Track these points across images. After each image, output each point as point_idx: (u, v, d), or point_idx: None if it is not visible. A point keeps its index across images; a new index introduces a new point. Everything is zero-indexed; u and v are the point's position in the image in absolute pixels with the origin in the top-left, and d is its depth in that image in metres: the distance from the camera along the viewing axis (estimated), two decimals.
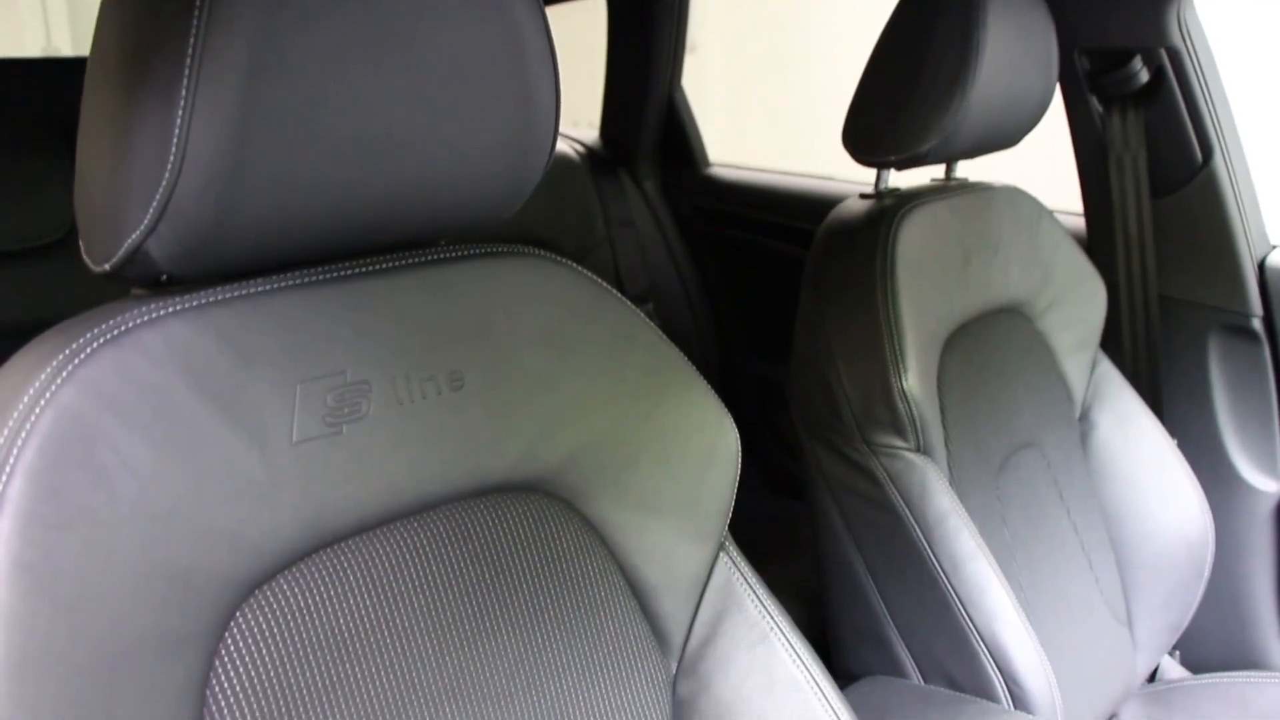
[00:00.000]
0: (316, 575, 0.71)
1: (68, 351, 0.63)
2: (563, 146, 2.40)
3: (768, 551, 1.09)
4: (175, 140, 0.61)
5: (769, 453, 2.34)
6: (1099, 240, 1.78)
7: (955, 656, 1.27)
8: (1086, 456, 1.56)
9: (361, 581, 0.73)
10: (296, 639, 0.69)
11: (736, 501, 0.92)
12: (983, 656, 1.24)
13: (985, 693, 1.25)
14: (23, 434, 0.60)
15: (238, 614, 0.67)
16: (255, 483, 0.67)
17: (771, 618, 0.90)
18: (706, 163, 2.46)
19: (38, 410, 0.61)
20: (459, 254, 0.81)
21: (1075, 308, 1.55)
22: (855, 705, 0.91)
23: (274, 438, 0.68)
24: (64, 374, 0.62)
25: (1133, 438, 1.57)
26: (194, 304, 0.68)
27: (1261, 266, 1.68)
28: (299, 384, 0.70)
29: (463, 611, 0.77)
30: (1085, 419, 1.57)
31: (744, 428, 0.93)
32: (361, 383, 0.72)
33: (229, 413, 0.66)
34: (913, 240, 1.31)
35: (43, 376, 0.62)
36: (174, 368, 0.65)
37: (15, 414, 0.61)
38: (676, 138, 2.43)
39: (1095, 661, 1.45)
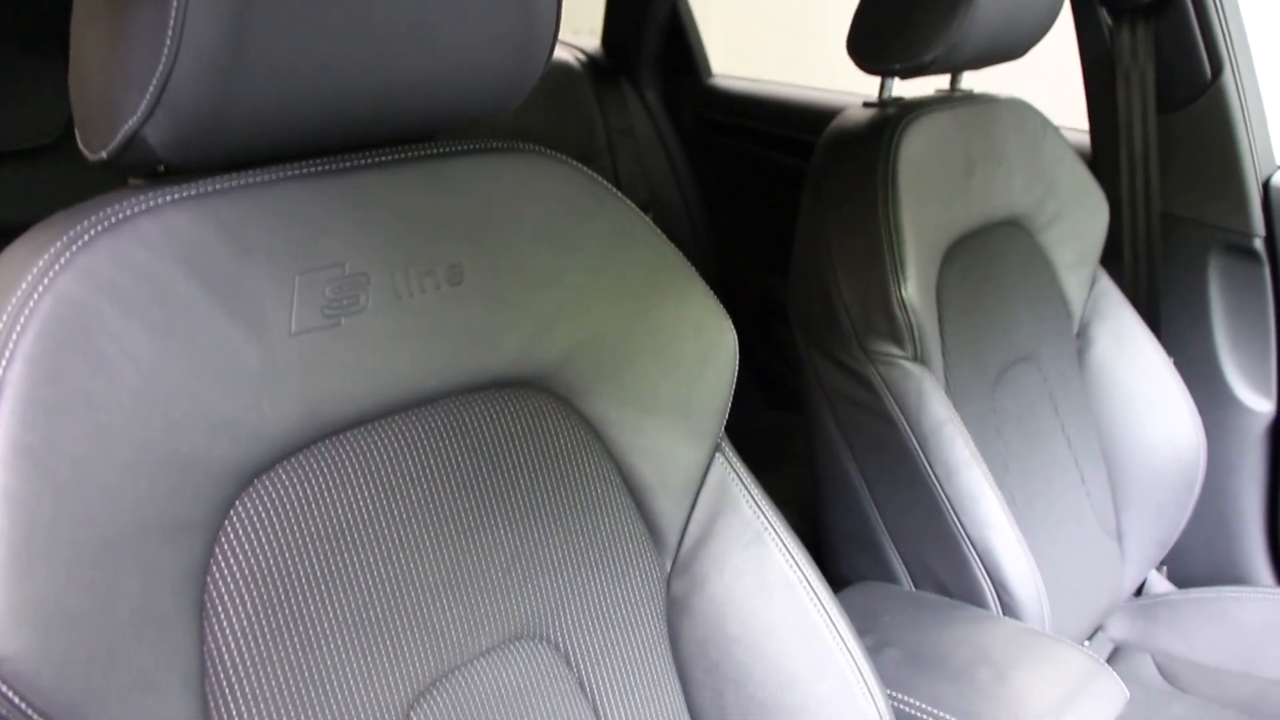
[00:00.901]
0: (315, 466, 0.71)
1: (65, 238, 0.63)
2: (564, 54, 2.37)
3: (764, 462, 1.10)
4: (171, 23, 0.60)
5: (767, 365, 2.35)
6: (1103, 156, 1.77)
7: (946, 563, 1.29)
8: (1083, 372, 1.56)
9: (360, 473, 0.73)
10: (295, 528, 0.70)
11: (734, 413, 0.92)
12: (973, 563, 1.26)
13: (975, 599, 1.27)
14: (21, 319, 0.60)
15: (237, 502, 0.68)
16: (254, 372, 0.67)
17: (765, 518, 0.90)
18: (709, 73, 2.43)
19: (36, 296, 0.60)
20: (459, 149, 0.80)
21: (1077, 223, 1.55)
22: (847, 609, 0.92)
23: (272, 328, 0.68)
24: (62, 260, 0.62)
25: (1129, 354, 1.57)
26: (192, 193, 0.68)
27: (1266, 186, 1.67)
28: (297, 275, 0.69)
29: (460, 505, 0.78)
30: (1083, 335, 1.57)
31: (742, 340, 0.92)
32: (360, 275, 0.72)
33: (227, 302, 0.66)
34: (915, 149, 1.30)
35: (40, 263, 0.61)
36: (172, 256, 0.65)
37: (14, 300, 0.60)
38: (679, 47, 2.40)
39: (1084, 573, 1.47)
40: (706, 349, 0.89)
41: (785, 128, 2.23)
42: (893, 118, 1.33)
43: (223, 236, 0.67)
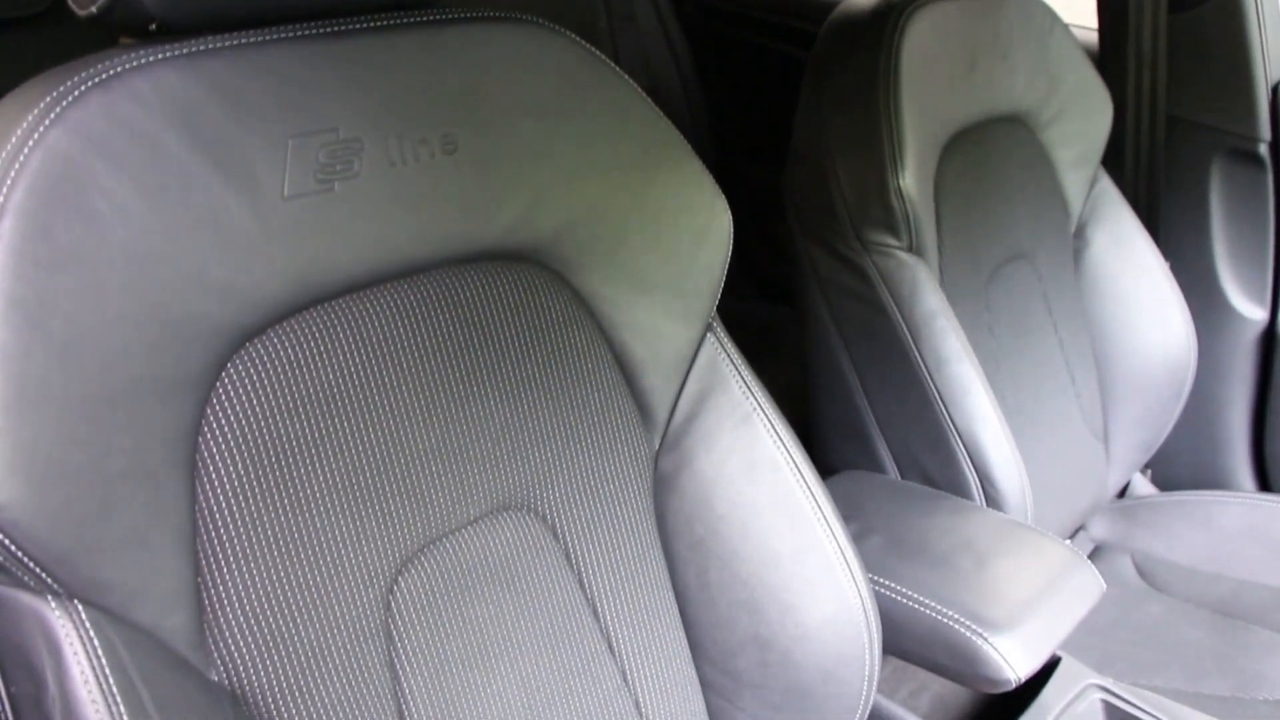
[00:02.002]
0: (307, 330, 0.72)
1: (56, 93, 0.62)
2: None
3: (757, 355, 1.10)
4: None
5: (763, 258, 2.34)
6: (1111, 55, 1.74)
7: (933, 454, 1.30)
8: (1078, 273, 1.56)
9: (351, 339, 0.74)
10: (286, 391, 0.70)
11: (728, 305, 0.92)
12: (960, 455, 1.27)
13: (960, 491, 1.29)
14: (11, 173, 0.59)
15: (229, 364, 0.68)
16: (246, 234, 0.67)
17: (755, 400, 0.91)
18: None
19: (26, 150, 0.60)
20: (454, 16, 0.79)
21: (1080, 122, 1.53)
22: (833, 495, 0.93)
23: (265, 191, 0.68)
24: (52, 115, 0.61)
25: (1126, 257, 1.57)
26: (184, 52, 0.67)
27: (1275, 91, 1.65)
28: (291, 139, 0.69)
29: (450, 375, 0.78)
30: (1080, 235, 1.57)
31: (739, 233, 0.92)
32: (354, 140, 0.71)
33: (220, 163, 0.66)
34: (919, 39, 1.28)
35: (30, 118, 0.61)
36: (164, 114, 0.64)
37: (3, 154, 0.60)
38: None
39: (1069, 473, 1.49)
40: (701, 228, 0.88)
41: (791, 18, 2.19)
42: (897, 6, 1.30)
43: (215, 96, 0.66)
